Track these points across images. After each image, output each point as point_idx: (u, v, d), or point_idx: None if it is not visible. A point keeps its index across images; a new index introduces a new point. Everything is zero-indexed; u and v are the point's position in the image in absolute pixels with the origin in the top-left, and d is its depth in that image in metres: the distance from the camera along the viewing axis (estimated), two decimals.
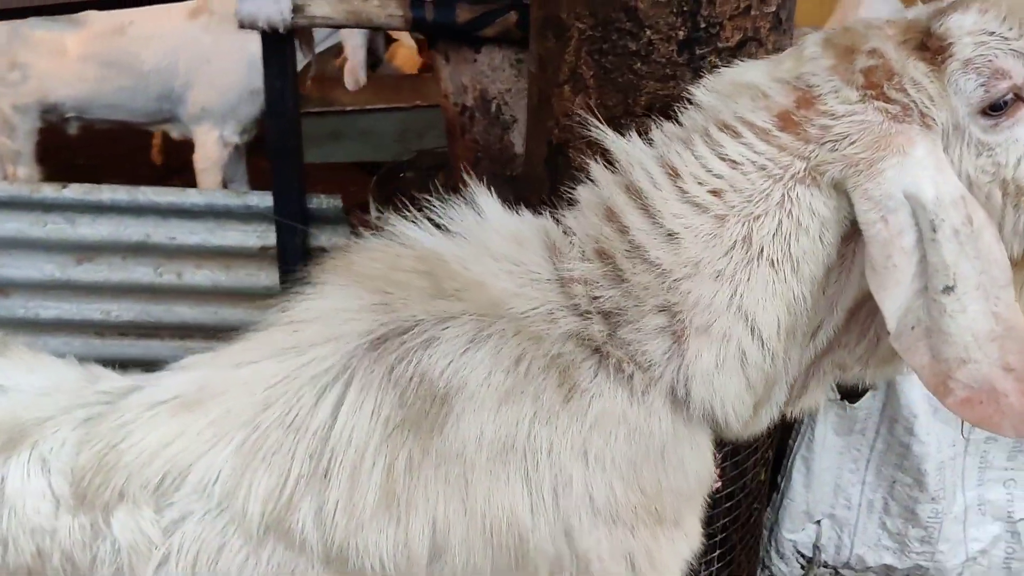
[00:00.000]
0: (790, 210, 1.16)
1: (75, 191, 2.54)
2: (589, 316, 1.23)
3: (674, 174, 1.21)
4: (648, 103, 1.68)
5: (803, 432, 2.57)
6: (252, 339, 1.31)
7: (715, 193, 1.18)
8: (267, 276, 2.63)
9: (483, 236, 1.29)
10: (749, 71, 1.25)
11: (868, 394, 2.51)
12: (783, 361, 1.23)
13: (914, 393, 2.46)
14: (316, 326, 1.27)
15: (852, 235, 1.18)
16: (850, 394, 2.52)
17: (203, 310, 2.68)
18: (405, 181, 2.71)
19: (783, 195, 1.16)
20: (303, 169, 2.48)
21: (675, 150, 1.23)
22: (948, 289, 1.11)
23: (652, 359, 1.21)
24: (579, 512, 1.20)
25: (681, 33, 1.61)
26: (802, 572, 2.74)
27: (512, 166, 2.35)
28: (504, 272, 1.25)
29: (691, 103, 1.28)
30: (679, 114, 1.30)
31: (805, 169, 1.16)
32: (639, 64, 1.66)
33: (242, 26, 2.22)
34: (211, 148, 3.91)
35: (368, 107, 3.95)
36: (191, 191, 2.60)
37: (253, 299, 2.71)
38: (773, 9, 1.64)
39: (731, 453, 2.14)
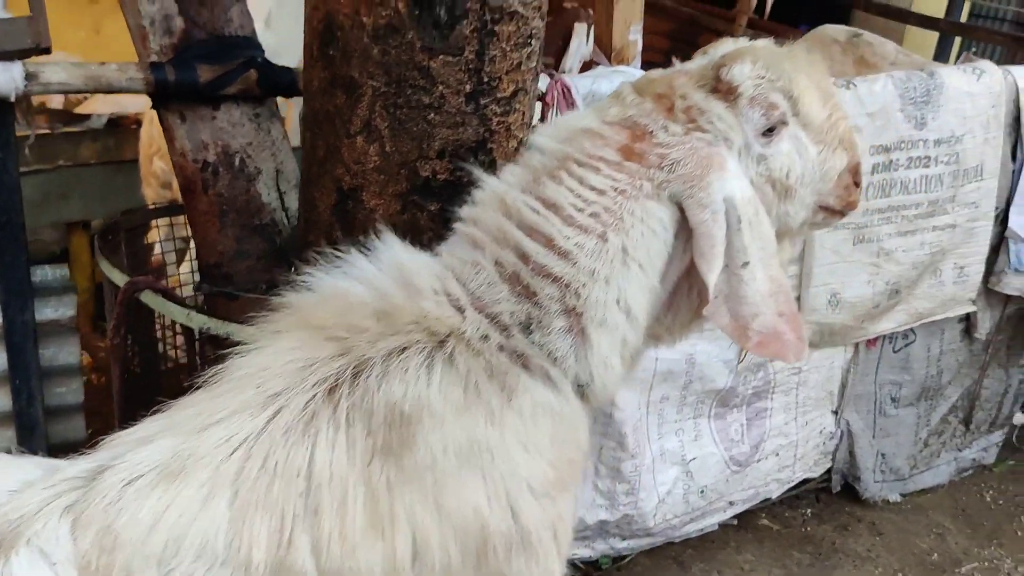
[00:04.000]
0: (646, 221, 1.50)
1: None
2: (508, 328, 1.47)
3: (554, 206, 1.50)
4: (440, 148, 1.94)
5: None
6: (211, 396, 1.37)
7: (594, 216, 1.49)
8: None
9: (409, 276, 1.48)
10: (582, 119, 1.59)
11: None
12: (645, 336, 1.57)
13: None
14: (279, 378, 1.36)
15: (678, 235, 1.55)
16: None
17: None
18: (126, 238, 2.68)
19: (641, 210, 1.50)
20: (26, 242, 2.36)
21: (544, 187, 1.52)
22: (746, 264, 1.51)
23: (562, 355, 1.48)
24: (522, 493, 1.42)
25: (468, 87, 1.89)
26: None
27: (260, 215, 2.45)
28: (434, 304, 1.46)
29: (533, 148, 1.58)
30: (522, 158, 1.60)
31: (652, 188, 1.50)
32: (432, 115, 1.91)
33: None
34: None
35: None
36: None
37: None
38: (534, 64, 1.98)
39: None
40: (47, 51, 2.14)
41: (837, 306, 3.33)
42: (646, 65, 6.30)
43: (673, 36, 6.45)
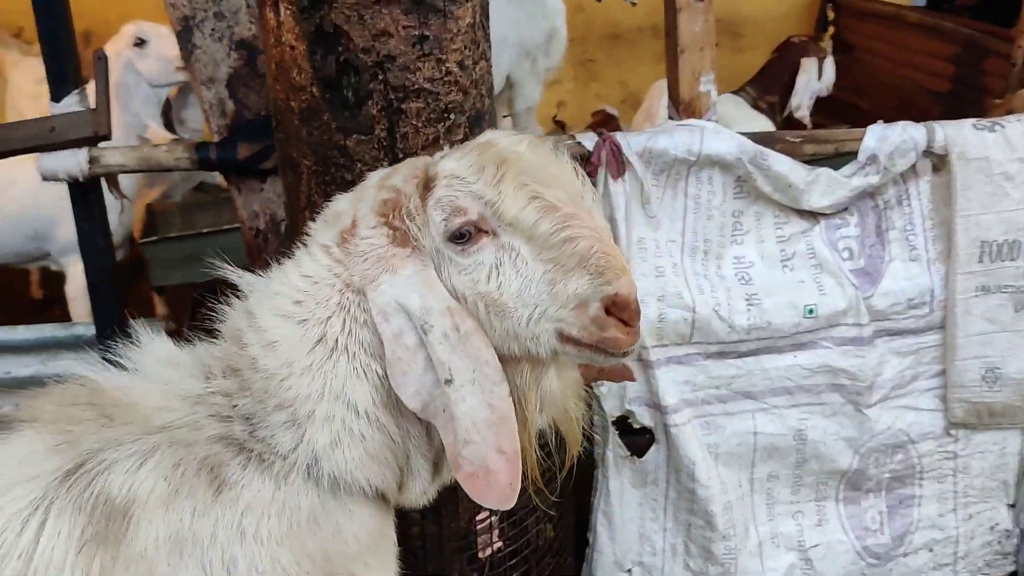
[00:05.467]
0: (349, 309, 1.43)
1: None
2: (231, 420, 1.44)
3: (275, 294, 1.47)
4: None
5: (600, 488, 2.84)
6: None
7: (298, 303, 1.44)
8: None
9: (142, 365, 1.49)
10: (341, 201, 1.54)
11: (653, 447, 2.79)
12: (401, 431, 1.47)
13: (690, 443, 2.74)
14: (14, 470, 1.41)
15: None
16: (638, 449, 2.80)
17: None
18: None
19: (340, 299, 1.43)
20: (121, 299, 2.73)
21: (274, 276, 1.50)
22: (448, 381, 1.37)
23: (285, 448, 1.43)
24: None
25: (385, 163, 1.92)
26: None
27: None
28: (156, 392, 1.46)
29: (306, 235, 1.56)
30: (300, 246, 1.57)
31: (348, 277, 1.44)
32: None
33: (45, 178, 2.48)
34: (81, 278, 4.13)
35: (226, 227, 4.21)
36: (20, 328, 2.84)
37: None
38: (460, 137, 1.96)
39: (508, 514, 2.40)
40: (106, 138, 2.47)
41: (996, 382, 2.84)
42: (923, 94, 5.72)
43: (957, 61, 5.78)
